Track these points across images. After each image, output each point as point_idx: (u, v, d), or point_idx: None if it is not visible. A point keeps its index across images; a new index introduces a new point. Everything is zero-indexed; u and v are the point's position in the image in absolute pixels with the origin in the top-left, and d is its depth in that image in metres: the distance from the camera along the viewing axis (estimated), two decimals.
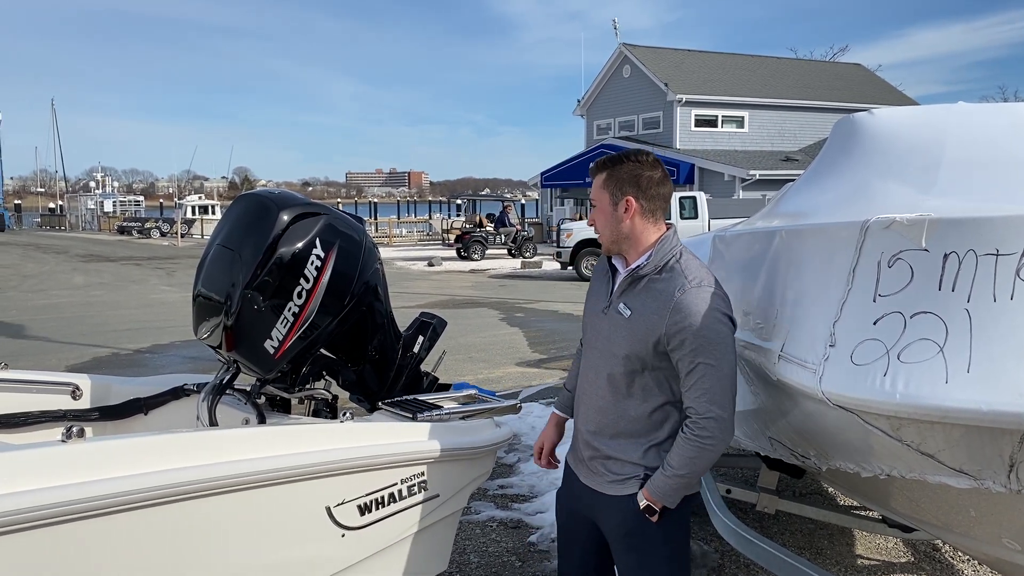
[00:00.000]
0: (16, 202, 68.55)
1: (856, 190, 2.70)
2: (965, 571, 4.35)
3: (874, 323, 1.90)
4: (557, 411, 2.97)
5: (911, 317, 1.83)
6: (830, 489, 5.48)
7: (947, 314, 1.78)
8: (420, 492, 3.01)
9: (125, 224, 48.67)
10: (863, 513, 4.44)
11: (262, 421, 3.41)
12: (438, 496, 3.08)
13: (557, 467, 2.98)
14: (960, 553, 4.49)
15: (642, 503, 2.49)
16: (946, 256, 1.81)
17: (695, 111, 34.14)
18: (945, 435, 1.84)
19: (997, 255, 1.74)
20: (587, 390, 2.65)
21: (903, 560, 4.48)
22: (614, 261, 2.65)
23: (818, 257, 2.27)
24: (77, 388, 3.75)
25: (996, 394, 1.68)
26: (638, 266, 2.51)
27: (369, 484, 2.86)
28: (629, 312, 2.49)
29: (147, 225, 47.19)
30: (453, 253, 29.76)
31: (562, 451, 2.89)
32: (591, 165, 2.66)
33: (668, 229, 2.57)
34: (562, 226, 28.22)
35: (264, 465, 2.55)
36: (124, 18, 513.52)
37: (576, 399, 2.75)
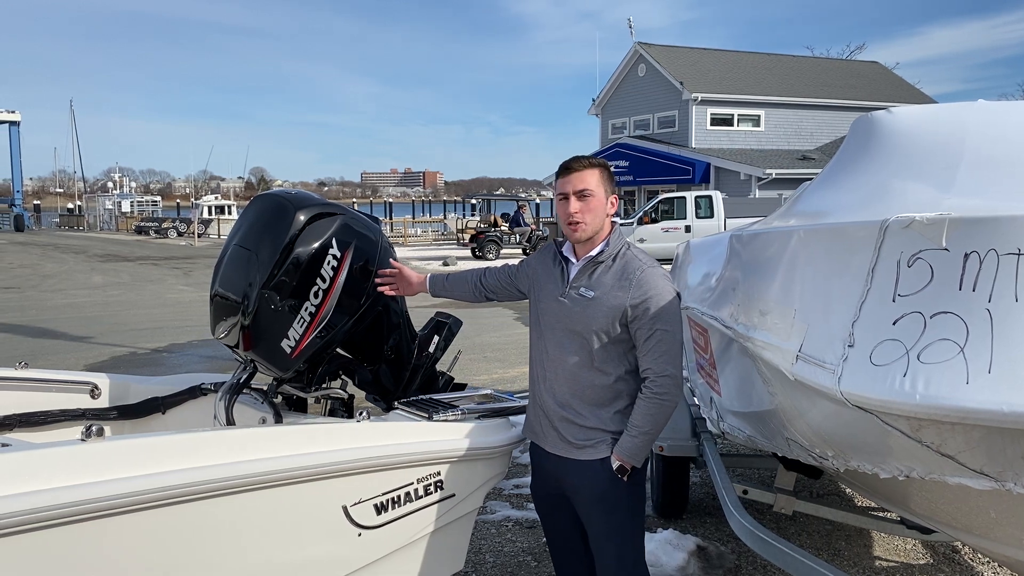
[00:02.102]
0: (35, 202, 69.10)
1: (875, 189, 2.68)
2: (985, 573, 4.32)
3: (894, 323, 1.89)
4: (428, 277, 3.34)
5: (931, 317, 1.82)
6: (848, 490, 5.45)
7: (968, 314, 1.76)
8: (436, 492, 3.02)
9: (142, 224, 49.01)
10: (881, 514, 4.40)
11: (279, 420, 3.43)
12: (454, 496, 3.09)
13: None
14: (979, 555, 4.46)
15: (615, 464, 2.81)
16: (967, 256, 1.79)
17: (711, 110, 34.00)
18: (965, 436, 1.82)
19: (1019, 255, 1.72)
20: (552, 367, 2.92)
21: (922, 562, 4.45)
22: (564, 252, 2.97)
23: (836, 257, 2.25)
24: (96, 387, 3.78)
25: (1018, 395, 1.66)
26: (599, 253, 2.86)
27: (385, 484, 2.86)
28: (593, 293, 2.82)
29: (164, 225, 47.49)
30: (468, 253, 29.81)
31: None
32: (583, 158, 2.89)
33: (615, 225, 2.94)
34: None
35: (281, 464, 2.56)
36: (142, 19, 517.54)
37: (536, 378, 3.00)
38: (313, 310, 3.19)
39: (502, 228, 30.39)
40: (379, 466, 2.82)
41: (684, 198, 24.85)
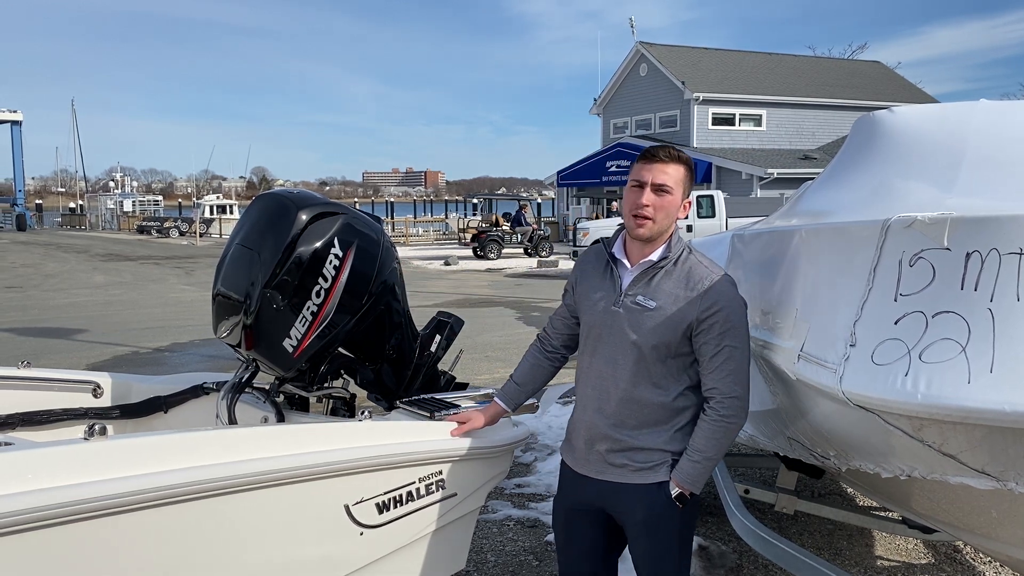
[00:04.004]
0: (37, 202, 69.15)
1: (877, 189, 2.68)
2: (986, 573, 4.32)
3: (895, 323, 1.89)
4: (500, 402, 3.00)
5: (933, 317, 1.82)
6: (849, 490, 5.45)
7: (970, 314, 1.76)
8: (438, 491, 3.02)
9: (144, 224, 48.99)
10: (883, 514, 4.41)
11: (281, 420, 3.43)
12: (455, 495, 3.09)
13: None
14: (981, 555, 4.45)
15: (674, 492, 2.55)
16: (968, 255, 1.79)
17: (712, 109, 33.99)
18: (967, 436, 1.82)
19: (1021, 254, 1.72)
20: (601, 384, 2.63)
21: (923, 561, 4.45)
22: (615, 253, 2.65)
23: (838, 256, 2.25)
24: (98, 386, 3.79)
25: (1020, 394, 1.66)
26: (662, 259, 2.56)
27: (387, 483, 2.86)
28: (654, 303, 2.52)
29: (166, 224, 47.47)
30: (469, 252, 29.80)
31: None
32: (671, 149, 2.59)
33: (676, 228, 2.64)
34: (578, 225, 28.14)
35: (283, 463, 2.56)
36: (143, 19, 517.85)
37: (585, 401, 2.69)
38: (315, 309, 3.19)
39: (503, 228, 30.37)
40: (381, 465, 2.82)
41: None
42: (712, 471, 2.60)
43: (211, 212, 48.74)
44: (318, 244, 3.17)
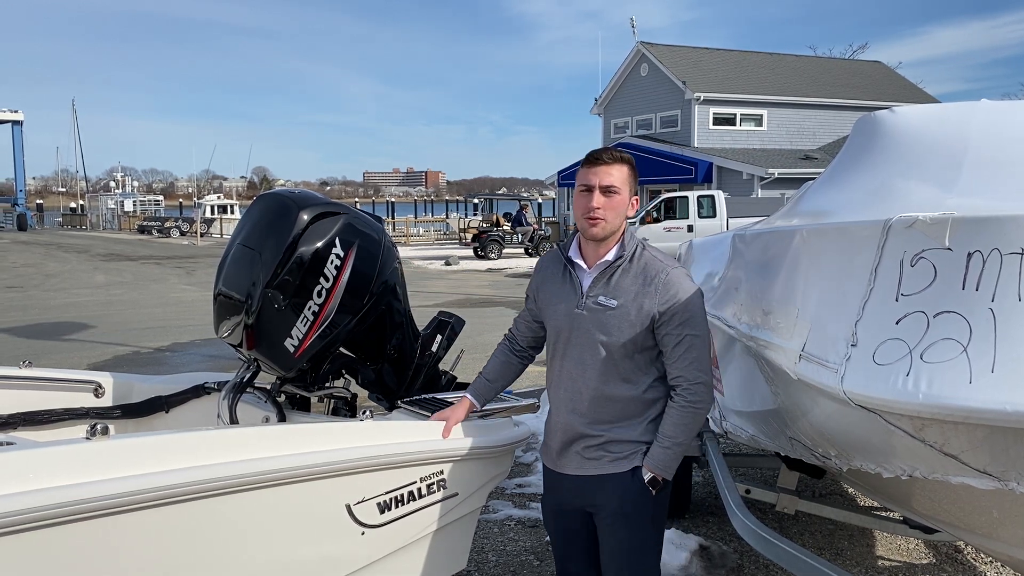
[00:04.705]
0: (38, 202, 69.27)
1: (878, 189, 2.68)
2: (987, 573, 4.32)
3: (896, 323, 1.89)
4: (471, 397, 3.07)
5: (934, 317, 1.82)
6: (851, 490, 5.45)
7: (971, 314, 1.76)
8: (439, 491, 3.02)
9: (145, 224, 49.02)
10: (884, 514, 4.40)
11: (282, 419, 3.44)
12: (457, 495, 3.09)
13: None
14: (982, 555, 4.45)
15: (647, 477, 2.65)
16: (970, 255, 1.79)
17: (713, 109, 33.96)
18: (968, 436, 1.82)
19: (1022, 254, 1.72)
20: (573, 386, 2.72)
21: (924, 561, 4.45)
22: (572, 257, 2.74)
23: (839, 256, 2.25)
24: (99, 386, 3.79)
25: (1021, 394, 1.66)
26: (617, 259, 2.65)
27: (388, 482, 2.87)
28: (615, 302, 2.62)
29: (167, 224, 47.47)
30: (470, 252, 29.82)
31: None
32: (613, 151, 2.68)
33: (627, 225, 2.73)
34: None
35: (284, 463, 2.56)
36: (144, 19, 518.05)
37: (558, 403, 2.78)
38: (316, 309, 3.19)
39: (504, 228, 30.39)
40: (382, 465, 2.83)
41: (687, 197, 24.84)
42: (681, 456, 2.69)
43: (212, 212, 48.78)
44: (319, 244, 3.18)
